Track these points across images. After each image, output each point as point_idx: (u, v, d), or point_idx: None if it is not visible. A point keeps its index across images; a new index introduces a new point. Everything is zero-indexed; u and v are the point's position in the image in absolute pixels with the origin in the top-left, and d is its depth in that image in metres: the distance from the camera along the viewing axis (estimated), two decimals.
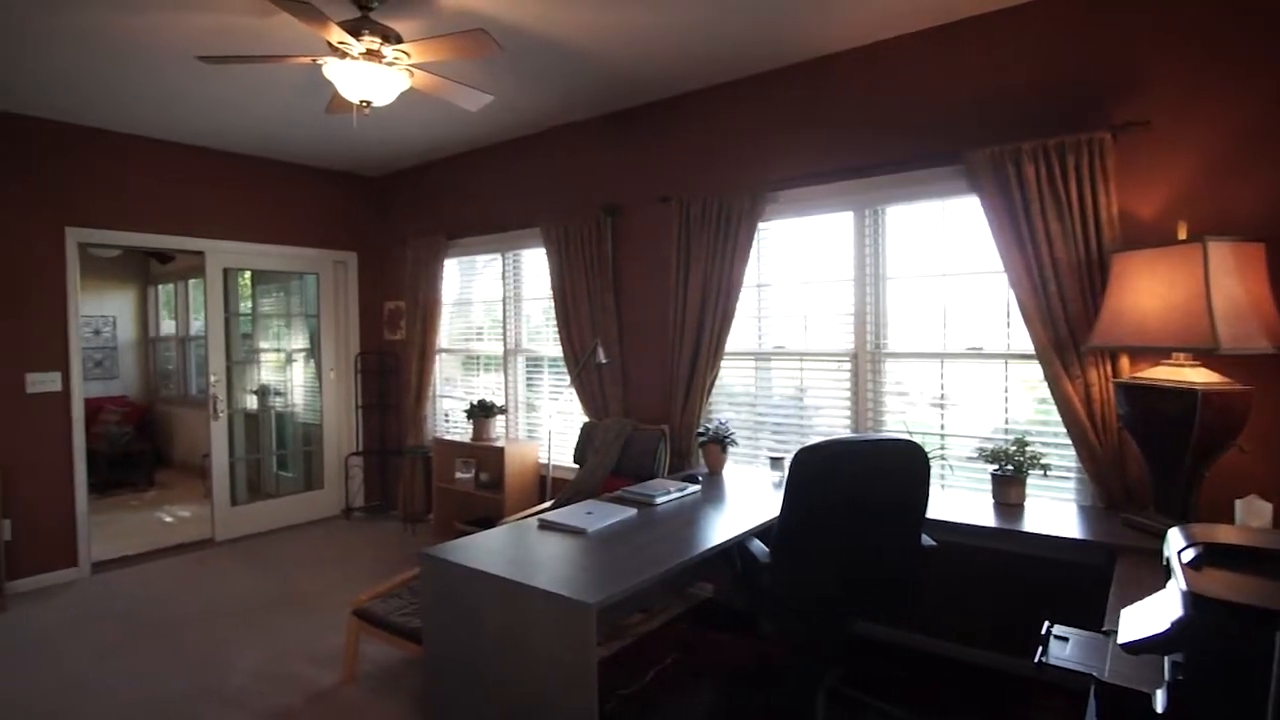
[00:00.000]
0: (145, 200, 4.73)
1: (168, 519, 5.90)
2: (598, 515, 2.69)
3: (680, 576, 2.87)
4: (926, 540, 2.49)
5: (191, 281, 7.67)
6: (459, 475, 4.92)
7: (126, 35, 3.13)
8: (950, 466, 3.22)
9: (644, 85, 3.86)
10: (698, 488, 3.20)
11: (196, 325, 7.64)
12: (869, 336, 3.44)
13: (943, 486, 3.23)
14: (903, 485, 2.32)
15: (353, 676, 3.09)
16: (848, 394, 3.50)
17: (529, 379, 4.99)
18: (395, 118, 4.33)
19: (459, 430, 5.38)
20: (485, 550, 2.37)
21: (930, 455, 2.37)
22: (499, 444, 4.58)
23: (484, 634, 2.15)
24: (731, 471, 3.65)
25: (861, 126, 3.36)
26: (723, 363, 3.81)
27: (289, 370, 6.02)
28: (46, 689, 3.04)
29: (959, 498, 3.03)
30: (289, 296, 6.05)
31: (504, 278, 5.04)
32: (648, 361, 4.17)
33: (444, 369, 5.57)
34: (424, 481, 5.46)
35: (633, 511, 2.79)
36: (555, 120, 4.48)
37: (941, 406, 3.29)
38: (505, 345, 5.03)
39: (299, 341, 6.00)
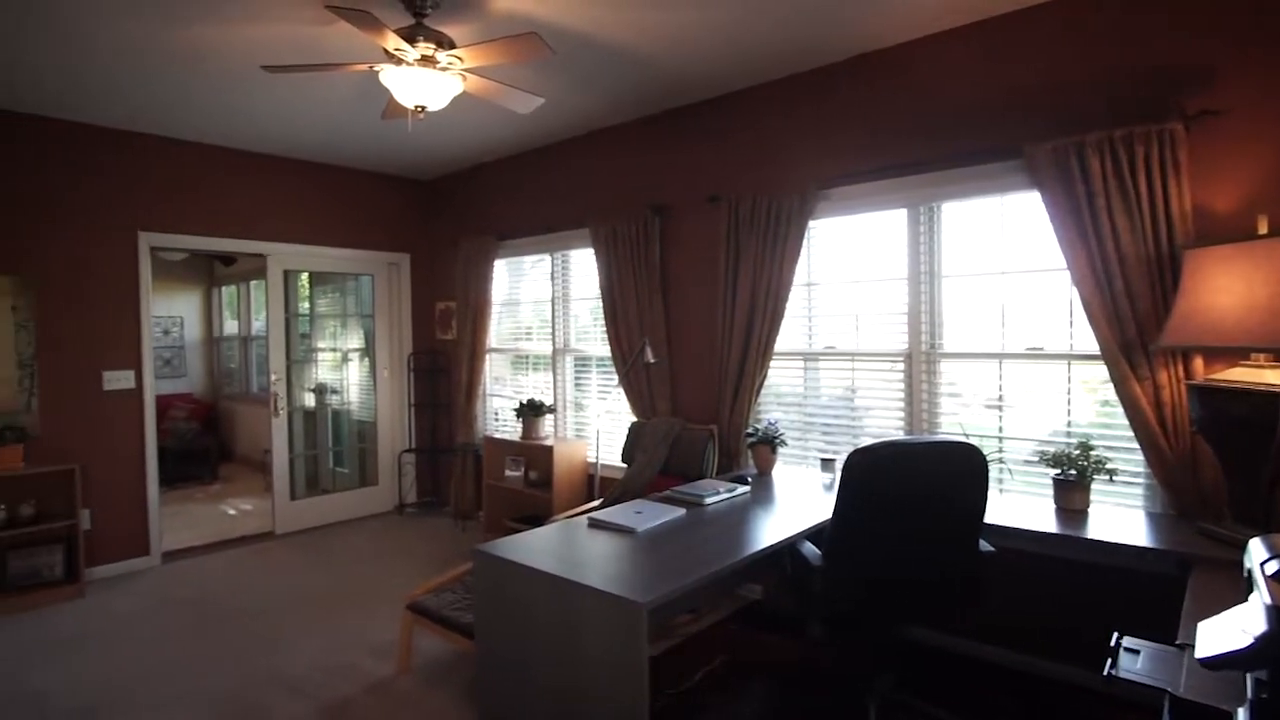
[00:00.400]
0: (211, 205, 4.93)
1: (231, 512, 6.14)
2: (647, 515, 2.70)
3: (729, 578, 2.85)
4: (985, 545, 2.43)
5: (253, 283, 7.96)
6: (508, 473, 4.99)
7: (196, 48, 3.27)
8: (1009, 470, 3.13)
9: (692, 85, 3.85)
10: (747, 488, 3.18)
11: (257, 325, 7.93)
12: (924, 336, 3.36)
13: (1000, 491, 3.13)
14: (961, 489, 2.27)
15: (407, 668, 3.16)
16: (901, 395, 3.43)
17: (577, 378, 5.03)
18: (447, 122, 4.41)
19: (508, 429, 5.45)
20: (536, 548, 2.39)
21: (988, 458, 2.30)
22: (547, 443, 4.63)
23: (535, 630, 2.18)
24: (781, 472, 3.61)
25: (916, 122, 3.29)
26: (771, 363, 3.78)
27: (344, 369, 6.19)
28: (125, 670, 3.20)
29: (1018, 502, 2.94)
30: (344, 297, 6.22)
31: (553, 278, 5.10)
32: (696, 361, 4.16)
33: (494, 368, 5.66)
34: (474, 479, 5.56)
35: (682, 511, 2.79)
36: (604, 121, 4.50)
37: (999, 408, 3.20)
38: (554, 345, 5.09)
39: (354, 341, 6.17)
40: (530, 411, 4.77)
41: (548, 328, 5.15)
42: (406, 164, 5.59)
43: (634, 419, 4.32)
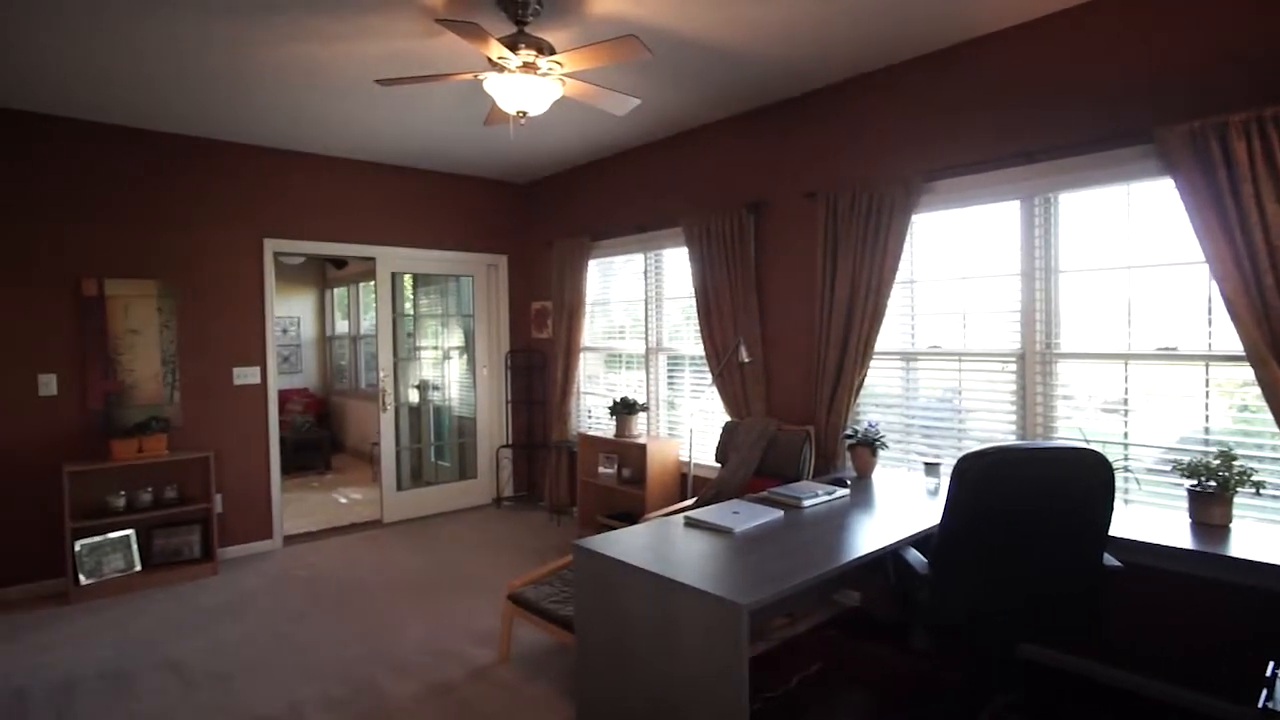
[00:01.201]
0: (326, 212, 5.25)
1: (342, 500, 6.52)
2: (744, 515, 2.67)
3: (828, 582, 2.79)
4: (1109, 560, 2.27)
5: (362, 285, 8.42)
6: (602, 470, 5.06)
7: (314, 66, 3.48)
8: (1135, 479, 2.91)
9: (789, 79, 3.79)
10: (846, 491, 3.10)
11: (365, 325, 8.38)
12: (1038, 335, 3.18)
13: (1125, 501, 2.92)
14: (1083, 498, 2.13)
15: (506, 657, 3.26)
16: (1013, 397, 3.25)
17: (670, 377, 5.04)
18: (543, 127, 4.52)
19: (602, 426, 5.54)
20: (634, 544, 2.42)
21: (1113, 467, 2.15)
22: (640, 441, 4.67)
23: (633, 626, 2.20)
24: (881, 476, 3.50)
25: (1030, 108, 3.10)
26: (871, 363, 3.67)
27: (445, 366, 6.45)
28: (253, 642, 3.46)
29: (1147, 514, 2.74)
30: (445, 297, 6.48)
31: (646, 277, 5.13)
32: (791, 361, 4.09)
33: (587, 367, 5.76)
34: (568, 475, 5.68)
35: (779, 513, 2.75)
36: (698, 120, 4.49)
37: (1122, 412, 2.98)
38: (646, 344, 5.12)
39: (455, 339, 6.42)
40: (624, 410, 4.82)
41: (640, 327, 5.20)
42: (504, 168, 5.77)
43: (728, 419, 4.29)
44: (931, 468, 3.28)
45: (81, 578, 4.11)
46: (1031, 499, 2.10)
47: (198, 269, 4.69)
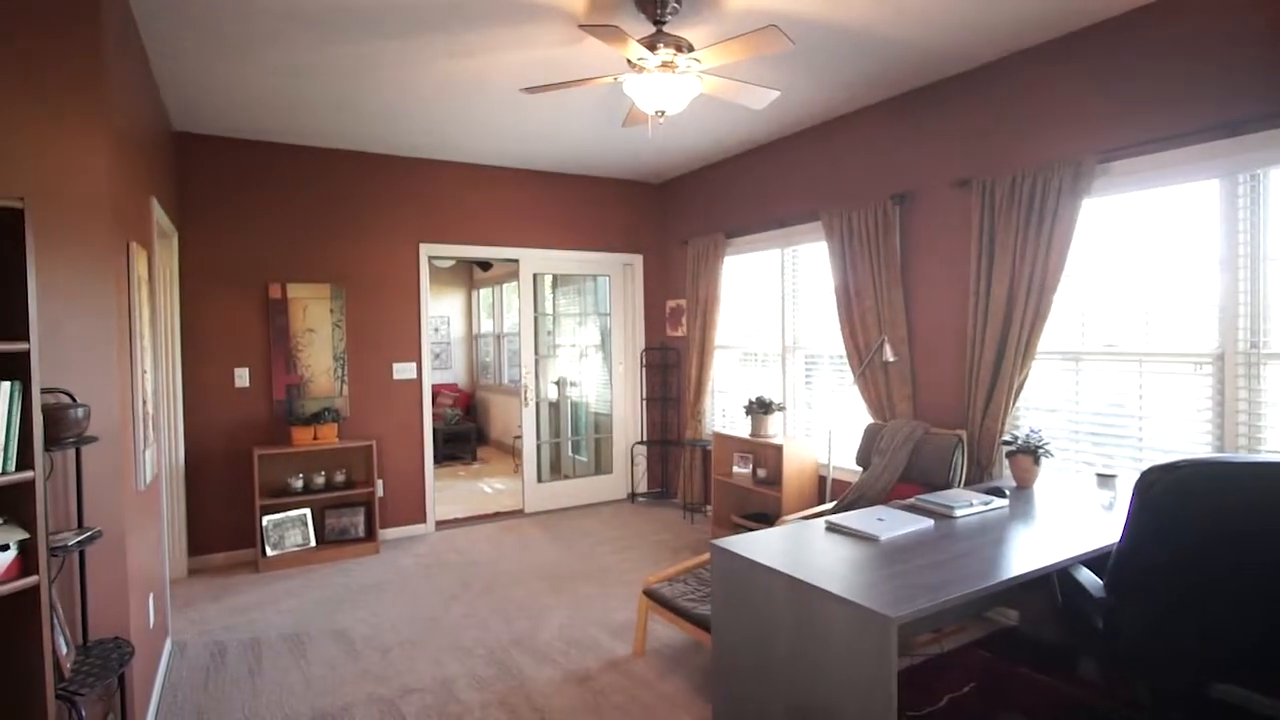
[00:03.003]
0: (474, 217, 5.56)
1: (487, 490, 6.88)
2: (890, 523, 2.54)
3: (982, 599, 2.59)
4: None
5: (505, 286, 8.85)
6: (736, 470, 5.01)
7: (468, 78, 3.68)
8: None
9: (937, 61, 3.55)
10: (1005, 502, 2.86)
11: (508, 324, 8.80)
12: (1241, 333, 2.78)
13: None
14: None
15: (642, 651, 3.30)
16: (1209, 403, 2.87)
17: (807, 376, 4.90)
18: (678, 126, 4.53)
19: (736, 426, 5.48)
20: (774, 547, 2.36)
21: None
22: (776, 441, 4.57)
23: (773, 632, 2.15)
24: (1044, 487, 3.21)
25: (1234, 73, 2.72)
26: (1033, 363, 3.37)
27: (582, 364, 6.64)
28: (408, 618, 3.72)
29: None
30: (583, 296, 6.66)
31: (782, 274, 5.02)
32: (940, 360, 3.85)
33: (722, 365, 5.72)
34: (702, 473, 5.67)
35: (929, 523, 2.58)
36: (837, 110, 4.33)
37: None
38: (783, 342, 5.01)
39: (591, 338, 6.59)
40: (759, 409, 4.74)
41: (776, 324, 5.09)
42: (639, 169, 5.85)
43: (870, 420, 4.11)
44: (1105, 479, 2.96)
45: (268, 549, 4.60)
46: (1235, 519, 1.84)
47: (363, 273, 5.12)
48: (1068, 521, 2.63)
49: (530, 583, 4.26)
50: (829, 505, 3.88)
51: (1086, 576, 2.15)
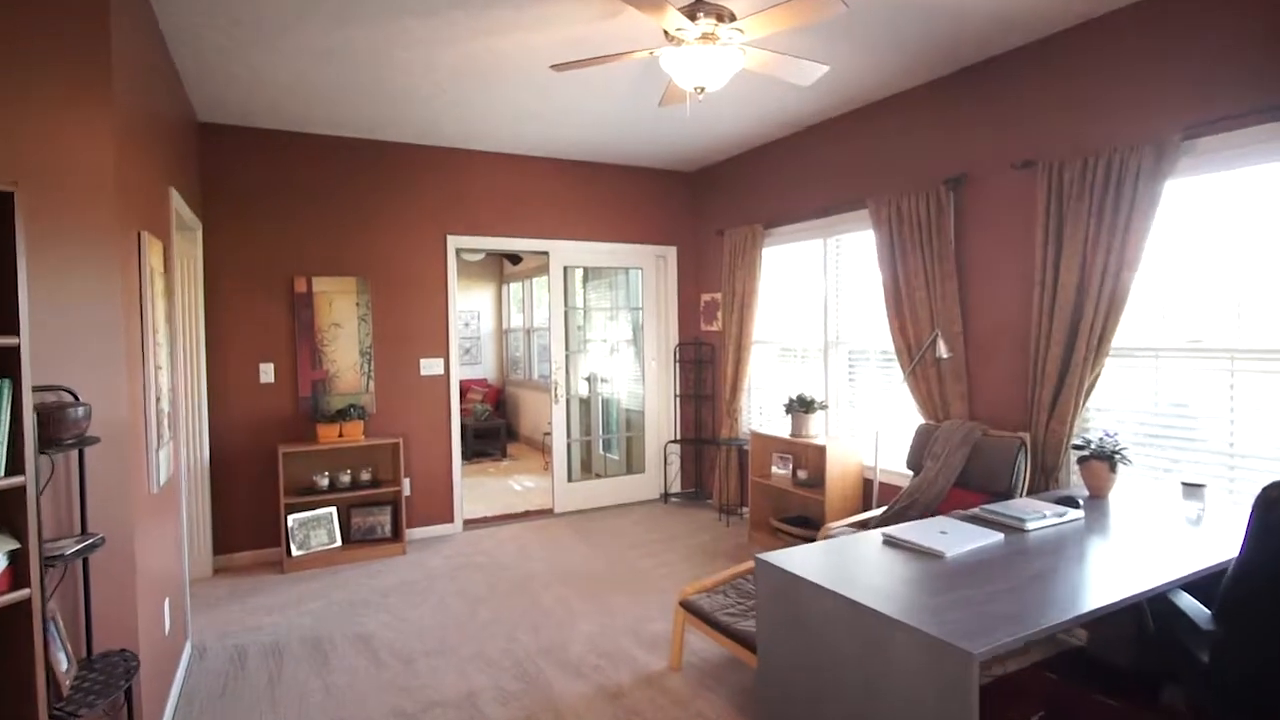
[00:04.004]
0: (503, 209, 5.39)
1: (516, 488, 6.74)
2: (955, 536, 2.30)
3: None
4: None
5: (535, 280, 8.70)
6: (775, 470, 4.77)
7: (493, 59, 3.50)
8: None
9: (1001, 31, 3.27)
10: (1079, 513, 2.60)
11: (538, 319, 8.65)
12: None
13: None
14: None
15: (678, 666, 3.10)
16: None
17: (850, 373, 4.64)
18: (713, 110, 4.31)
19: (774, 424, 5.24)
20: (826, 562, 2.14)
21: None
22: (818, 441, 4.32)
23: (830, 658, 1.93)
24: (1120, 496, 2.93)
25: None
26: (1106, 360, 3.09)
27: (613, 360, 6.45)
28: (434, 625, 3.57)
29: None
30: (614, 290, 6.47)
31: (824, 265, 4.76)
32: (999, 357, 3.57)
33: (759, 361, 5.48)
34: (738, 474, 5.45)
35: (998, 536, 2.34)
36: (886, 90, 4.05)
37: None
38: (825, 337, 4.75)
39: (623, 333, 6.40)
40: (800, 408, 4.50)
41: (818, 319, 4.83)
42: (673, 157, 5.62)
43: (921, 421, 3.85)
44: (1192, 489, 2.67)
45: (293, 549, 4.50)
46: None
47: (390, 266, 4.99)
48: (1154, 538, 2.36)
49: (559, 588, 4.08)
50: (878, 511, 3.64)
51: (1188, 603, 1.89)
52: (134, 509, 2.27)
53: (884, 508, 3.66)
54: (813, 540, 4.32)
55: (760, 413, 5.52)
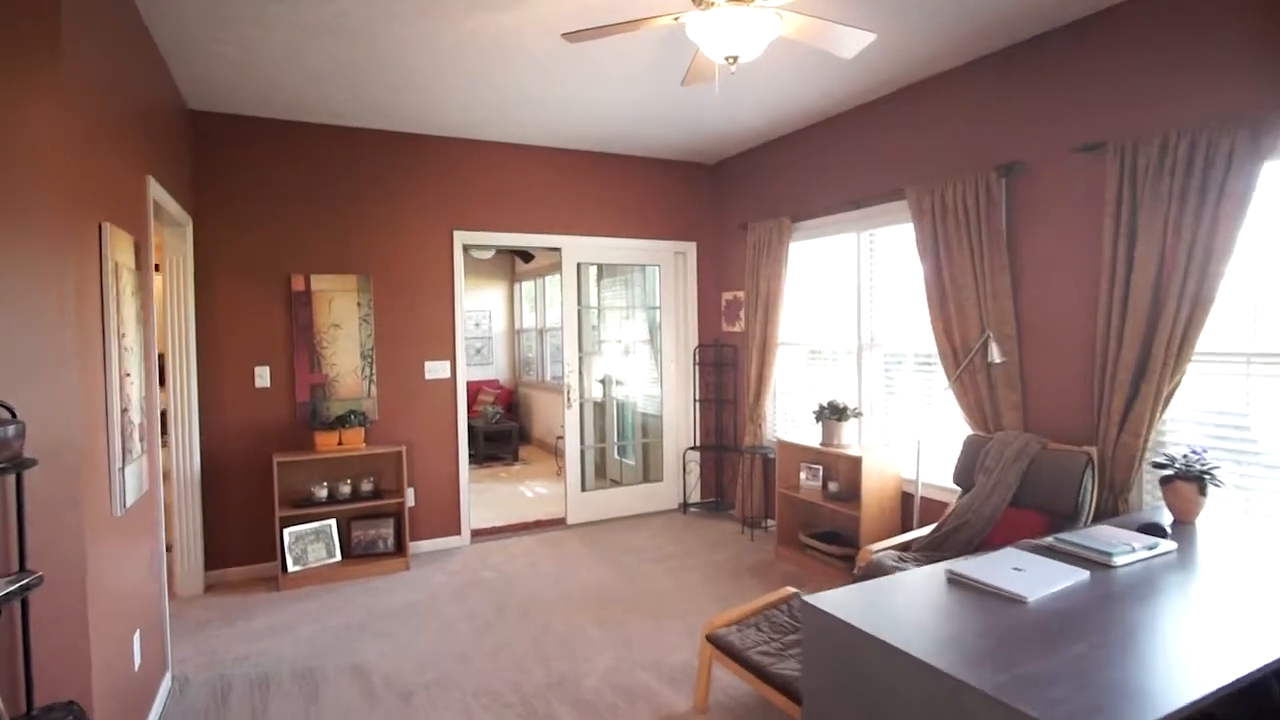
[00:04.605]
0: (512, 202, 5.09)
1: (528, 494, 6.45)
2: (1033, 575, 1.96)
3: None
4: None
5: (547, 278, 8.39)
6: (804, 482, 4.44)
7: (498, 34, 3.18)
8: None
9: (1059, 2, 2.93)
10: (1171, 545, 2.25)
11: (551, 318, 8.35)
12: None
13: None
14: None
15: (704, 707, 2.78)
16: None
17: (886, 378, 4.30)
18: (735, 96, 3.97)
19: (802, 432, 4.90)
20: (884, 609, 1.82)
21: None
22: (852, 452, 3.98)
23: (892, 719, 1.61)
24: (1210, 522, 2.57)
25: None
26: (1189, 365, 2.73)
27: (629, 362, 6.13)
28: (436, 654, 3.27)
29: None
30: (630, 289, 6.15)
31: (858, 261, 4.42)
32: (1058, 361, 3.23)
33: (786, 364, 5.14)
34: (763, 484, 5.12)
35: (1083, 574, 2.00)
36: (928, 70, 3.71)
37: None
38: (859, 339, 4.41)
39: (639, 333, 6.08)
40: (831, 415, 4.16)
41: (850, 319, 4.49)
42: (692, 148, 5.29)
43: (970, 432, 3.50)
44: None
45: (289, 564, 4.23)
46: None
47: (393, 263, 4.70)
48: (1260, 573, 2.02)
49: (572, 611, 3.78)
50: (925, 531, 3.30)
51: None
52: (89, 537, 1.99)
53: (928, 527, 3.33)
54: (849, 559, 3.99)
55: (786, 418, 5.18)
